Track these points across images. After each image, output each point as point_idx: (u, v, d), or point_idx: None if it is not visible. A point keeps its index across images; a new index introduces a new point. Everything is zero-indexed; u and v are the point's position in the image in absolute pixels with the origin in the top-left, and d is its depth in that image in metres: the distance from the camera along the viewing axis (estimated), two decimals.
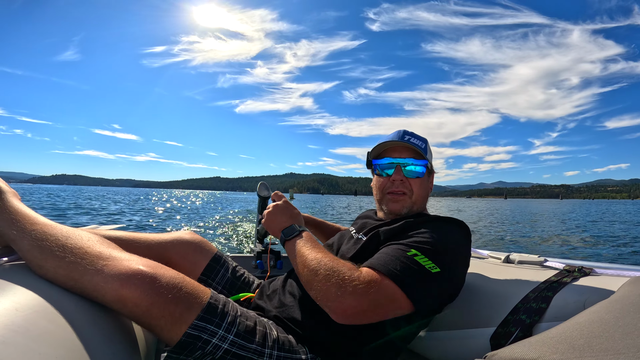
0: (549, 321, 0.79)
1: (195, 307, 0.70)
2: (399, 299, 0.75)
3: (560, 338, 0.46)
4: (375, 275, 0.76)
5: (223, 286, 1.12)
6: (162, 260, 0.79)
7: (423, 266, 0.78)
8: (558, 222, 17.30)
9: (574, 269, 0.99)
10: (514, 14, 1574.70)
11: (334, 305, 0.73)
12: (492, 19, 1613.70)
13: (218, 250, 1.18)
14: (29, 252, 0.68)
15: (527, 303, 0.86)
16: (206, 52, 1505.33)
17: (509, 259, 1.22)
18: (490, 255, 1.33)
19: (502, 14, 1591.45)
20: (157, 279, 0.67)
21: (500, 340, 0.83)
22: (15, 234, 0.69)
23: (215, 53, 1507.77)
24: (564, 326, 0.51)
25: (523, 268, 1.12)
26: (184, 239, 1.10)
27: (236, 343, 0.73)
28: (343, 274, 0.75)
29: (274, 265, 1.49)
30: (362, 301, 0.72)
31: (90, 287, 0.65)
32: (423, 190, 1.06)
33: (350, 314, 0.72)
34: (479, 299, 0.99)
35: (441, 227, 0.90)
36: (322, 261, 0.79)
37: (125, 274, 0.65)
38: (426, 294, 0.78)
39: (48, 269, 0.66)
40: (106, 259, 0.68)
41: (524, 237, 10.78)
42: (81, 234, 0.73)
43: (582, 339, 0.44)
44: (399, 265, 0.77)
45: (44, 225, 0.72)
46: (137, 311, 0.65)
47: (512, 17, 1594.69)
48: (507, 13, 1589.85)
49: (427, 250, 0.81)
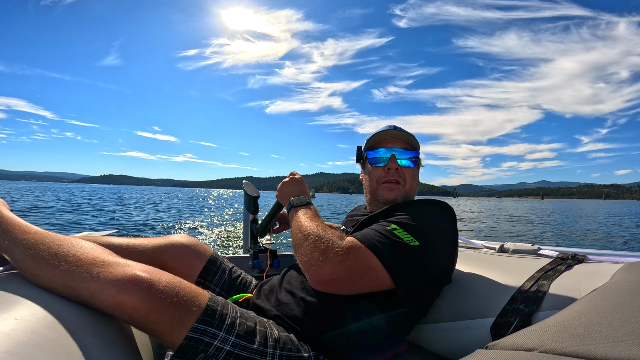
0: (547, 310, 0.80)
1: (194, 311, 0.69)
2: (375, 267, 0.78)
3: (560, 326, 0.46)
4: (356, 243, 0.80)
5: (221, 288, 1.11)
6: (158, 265, 0.79)
7: (401, 239, 0.81)
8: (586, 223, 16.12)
9: (568, 256, 1.01)
10: (552, 6, 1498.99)
11: (313, 271, 0.78)
12: (528, 12, 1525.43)
13: (214, 252, 1.17)
14: (22, 262, 0.67)
15: (524, 292, 0.87)
16: (236, 54, 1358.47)
17: (503, 248, 1.23)
18: (484, 245, 1.35)
19: (538, 6, 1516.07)
20: (154, 284, 0.66)
21: (501, 330, 0.84)
22: (7, 244, 0.69)
23: (244, 55, 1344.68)
24: (563, 314, 0.52)
25: (518, 257, 1.13)
26: (179, 242, 1.09)
27: (238, 344, 0.73)
28: (329, 240, 0.80)
29: (271, 264, 1.48)
30: (339, 267, 0.77)
31: (87, 294, 0.64)
32: (414, 181, 1.11)
33: (327, 280, 0.77)
34: (476, 289, 1.01)
35: (423, 206, 0.95)
36: (314, 228, 0.86)
37: (121, 280, 0.64)
38: (403, 266, 0.81)
39: (43, 277, 0.66)
40: (101, 265, 0.67)
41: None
42: (73, 241, 0.72)
43: (581, 327, 0.44)
44: (377, 236, 0.82)
45: (36, 233, 0.71)
46: (136, 317, 0.64)
47: (550, 9, 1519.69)
48: (545, 5, 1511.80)
49: (407, 225, 0.85)
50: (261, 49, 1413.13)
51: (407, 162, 1.08)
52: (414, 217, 0.87)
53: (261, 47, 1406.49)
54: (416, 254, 0.81)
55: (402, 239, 0.81)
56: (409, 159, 1.08)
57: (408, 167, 1.08)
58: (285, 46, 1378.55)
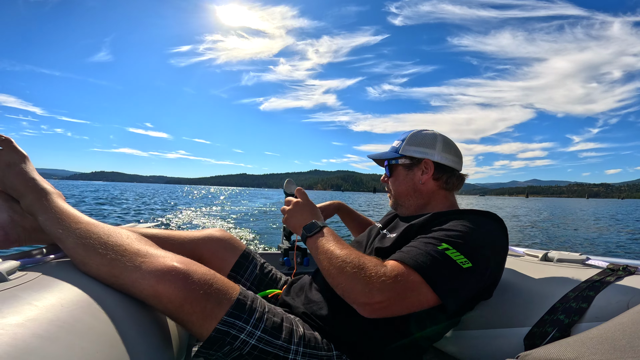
0: (590, 321, 0.74)
1: (225, 303, 0.72)
2: (425, 293, 0.73)
3: (601, 338, 0.43)
4: (402, 268, 0.74)
5: (251, 282, 1.14)
6: (194, 257, 0.82)
7: (454, 261, 0.75)
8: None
9: (618, 267, 0.92)
10: (547, 5, 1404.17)
11: (361, 301, 0.73)
12: (523, 11, 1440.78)
13: (247, 247, 1.21)
14: (74, 250, 0.71)
15: (567, 302, 0.81)
16: (230, 51, 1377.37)
17: (547, 256, 1.15)
18: (526, 252, 1.27)
19: (533, 5, 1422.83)
20: (190, 275, 0.69)
21: (535, 340, 0.79)
22: (61, 233, 0.73)
23: (238, 51, 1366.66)
24: (605, 326, 0.48)
25: (563, 266, 1.06)
26: (215, 236, 1.14)
27: (263, 339, 0.75)
28: (369, 270, 0.74)
29: (300, 262, 1.50)
30: (388, 295, 0.71)
31: (129, 283, 0.68)
32: (398, 186, 1.10)
33: (378, 308, 0.72)
34: (513, 297, 0.95)
35: (474, 221, 0.86)
36: (347, 258, 0.78)
37: (160, 270, 0.68)
38: (455, 289, 0.75)
39: (91, 265, 0.70)
40: (144, 255, 0.71)
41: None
42: (121, 232, 0.76)
43: (624, 340, 0.41)
44: (428, 259, 0.75)
45: (87, 223, 0.75)
46: (171, 307, 0.67)
47: (545, 9, 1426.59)
48: (540, 5, 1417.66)
49: (459, 244, 0.77)
50: (255, 45, 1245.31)
51: (385, 172, 1.17)
52: (466, 233, 0.81)
53: (255, 44, 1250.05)
54: (469, 275, 0.76)
55: (455, 260, 0.75)
56: (385, 170, 1.16)
57: (387, 177, 1.15)
58: (279, 43, 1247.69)
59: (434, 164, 1.04)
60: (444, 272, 0.74)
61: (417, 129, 1.11)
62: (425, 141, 1.06)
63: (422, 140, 1.06)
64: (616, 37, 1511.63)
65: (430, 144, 1.05)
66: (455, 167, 1.06)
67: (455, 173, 1.06)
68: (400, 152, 1.08)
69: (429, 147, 1.05)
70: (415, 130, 1.10)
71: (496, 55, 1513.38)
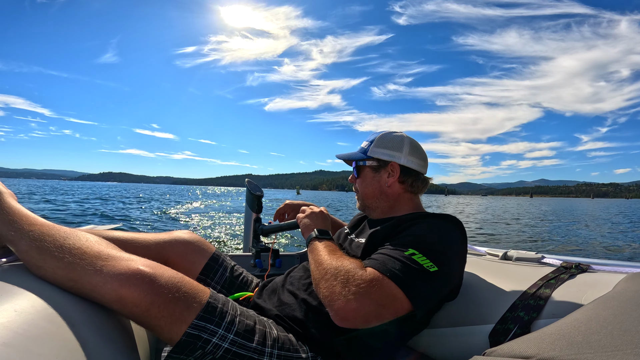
0: (547, 318, 0.80)
1: (195, 307, 0.70)
2: (400, 298, 0.75)
3: (559, 335, 0.46)
4: (377, 274, 0.76)
5: (222, 285, 1.12)
6: (161, 260, 0.79)
7: (422, 265, 0.78)
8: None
9: (571, 265, 1.00)
10: (554, 4, 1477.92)
11: (337, 306, 0.72)
12: (529, 10, 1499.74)
13: (216, 249, 1.18)
14: (27, 253, 0.67)
15: (525, 300, 0.87)
16: (234, 51, 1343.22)
17: (506, 255, 1.22)
18: (487, 252, 1.34)
19: (539, 4, 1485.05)
20: (156, 279, 0.66)
21: (499, 337, 0.84)
22: (13, 235, 0.69)
23: (243, 52, 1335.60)
24: (562, 323, 0.51)
25: (521, 265, 1.13)
26: (183, 238, 1.10)
27: (236, 342, 0.73)
28: (348, 271, 0.76)
29: (272, 264, 1.48)
30: (364, 302, 0.71)
31: (89, 287, 0.65)
32: (365, 187, 1.13)
33: (352, 316, 0.71)
34: (477, 296, 1.00)
35: (436, 224, 0.90)
36: (334, 262, 0.82)
37: (124, 274, 0.65)
38: (425, 293, 0.78)
39: (46, 269, 0.66)
40: (105, 259, 0.67)
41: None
42: (79, 235, 0.72)
43: (580, 336, 0.44)
44: (397, 264, 0.78)
45: (42, 225, 0.71)
46: (137, 311, 0.64)
47: (551, 7, 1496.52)
48: (546, 3, 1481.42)
49: (425, 249, 0.81)
50: (260, 46, 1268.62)
51: (353, 173, 1.19)
52: (429, 237, 0.85)
53: (260, 44, 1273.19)
54: (435, 279, 0.79)
55: (422, 265, 0.78)
56: (354, 171, 1.18)
57: (355, 178, 1.17)
58: (284, 43, 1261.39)
59: (400, 167, 1.07)
60: (414, 277, 0.76)
61: (386, 131, 1.13)
62: (392, 144, 1.08)
63: (389, 142, 1.09)
64: (624, 36, 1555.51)
65: (397, 147, 1.07)
66: (421, 170, 1.10)
67: (420, 176, 1.10)
68: (368, 154, 1.10)
69: (396, 150, 1.07)
70: (384, 131, 1.13)
71: (502, 54, 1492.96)
